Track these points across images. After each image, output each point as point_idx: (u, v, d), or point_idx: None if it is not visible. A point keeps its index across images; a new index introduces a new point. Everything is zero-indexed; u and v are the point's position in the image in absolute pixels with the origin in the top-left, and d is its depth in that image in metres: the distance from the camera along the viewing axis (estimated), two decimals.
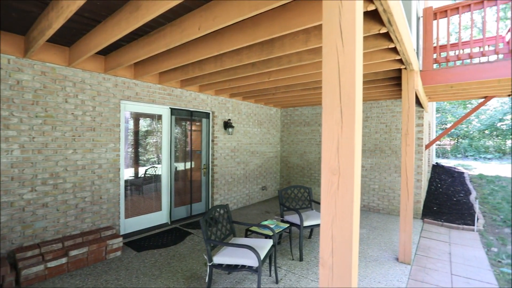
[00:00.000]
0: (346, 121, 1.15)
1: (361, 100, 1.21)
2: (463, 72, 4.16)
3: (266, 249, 2.90)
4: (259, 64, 3.73)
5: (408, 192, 3.54)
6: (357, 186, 1.18)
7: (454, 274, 3.53)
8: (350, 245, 1.16)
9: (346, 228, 1.17)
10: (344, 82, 1.15)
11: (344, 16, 1.16)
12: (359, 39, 1.19)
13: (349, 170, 1.14)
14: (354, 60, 1.13)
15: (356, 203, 1.17)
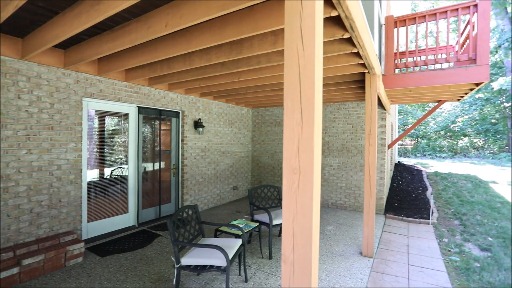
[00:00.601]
0: (306, 122, 1.19)
1: (320, 102, 1.26)
2: (419, 77, 4.49)
3: (235, 249, 2.91)
4: (228, 64, 3.73)
5: (371, 190, 3.74)
6: (316, 185, 1.23)
7: (410, 264, 3.80)
8: (310, 241, 1.21)
9: (306, 225, 1.21)
10: (305, 85, 1.20)
11: (305, 21, 1.21)
12: (319, 43, 1.24)
13: (309, 169, 1.19)
14: (313, 63, 1.18)
15: (316, 201, 1.23)
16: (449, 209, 6.41)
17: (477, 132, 17.86)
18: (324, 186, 6.72)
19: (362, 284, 3.27)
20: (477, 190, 7.84)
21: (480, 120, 17.82)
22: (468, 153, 16.80)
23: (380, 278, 3.44)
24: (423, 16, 4.66)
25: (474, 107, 17.35)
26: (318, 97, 1.22)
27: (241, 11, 2.47)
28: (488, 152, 17.12)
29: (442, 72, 4.39)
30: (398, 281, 3.37)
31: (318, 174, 1.24)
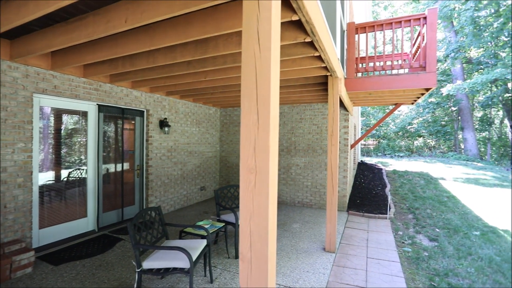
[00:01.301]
0: (262, 122, 1.22)
1: (277, 103, 1.30)
2: (377, 81, 4.78)
3: (199, 250, 2.88)
4: (194, 63, 3.68)
5: (333, 188, 3.92)
6: (273, 184, 1.27)
7: (369, 257, 4.04)
8: (266, 239, 1.24)
9: (262, 223, 1.24)
10: (261, 86, 1.23)
11: (262, 24, 1.24)
12: (276, 46, 1.28)
13: (265, 168, 1.23)
14: (270, 66, 1.22)
15: (272, 199, 1.26)
16: (404, 204, 6.91)
17: (430, 133, 19.46)
18: (291, 185, 6.89)
19: (324, 278, 3.41)
20: (428, 186, 8.55)
21: (432, 122, 19.44)
22: (422, 152, 18.24)
23: (341, 271, 3.62)
24: (381, 25, 4.97)
25: (427, 110, 18.88)
26: (274, 99, 1.26)
27: (205, 11, 2.45)
28: (438, 151, 18.74)
29: (397, 77, 4.73)
30: (357, 273, 3.56)
31: (274, 173, 1.28)
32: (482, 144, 20.05)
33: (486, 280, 3.52)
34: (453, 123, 19.16)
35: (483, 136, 21.00)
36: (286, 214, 6.17)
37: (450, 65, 17.40)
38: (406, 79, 4.67)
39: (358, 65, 5.18)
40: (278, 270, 3.59)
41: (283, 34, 2.64)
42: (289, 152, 6.93)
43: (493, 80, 13.95)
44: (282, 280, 3.34)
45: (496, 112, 21.41)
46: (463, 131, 17.42)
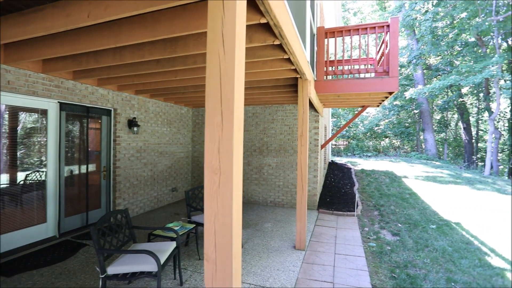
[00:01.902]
0: (226, 124, 1.24)
1: (241, 105, 1.32)
2: (345, 84, 5.00)
3: (168, 252, 2.83)
4: (164, 62, 3.60)
5: (303, 187, 4.03)
6: (237, 184, 1.29)
7: (336, 253, 4.21)
8: (231, 239, 1.26)
9: (227, 223, 1.26)
10: (225, 88, 1.25)
11: (227, 27, 1.26)
12: (241, 49, 1.30)
13: (229, 169, 1.24)
14: (234, 68, 1.24)
15: (236, 200, 1.28)
16: (371, 202, 7.27)
17: (395, 134, 20.64)
18: (263, 185, 6.97)
19: (294, 275, 3.50)
20: (392, 184, 9.07)
21: (397, 124, 20.64)
22: (388, 152, 19.28)
23: (310, 268, 3.73)
24: (348, 30, 5.19)
25: (393, 112, 20.02)
26: (238, 100, 1.28)
27: (174, 10, 2.41)
28: (402, 151, 19.93)
29: (363, 81, 4.97)
30: (325, 269, 3.70)
31: (238, 174, 1.30)
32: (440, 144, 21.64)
33: (439, 269, 3.81)
34: (415, 125, 20.48)
35: (441, 137, 22.70)
36: (259, 214, 6.23)
37: (412, 71, 18.59)
38: (371, 83, 4.92)
39: (327, 68, 5.37)
40: (249, 269, 3.62)
41: (253, 36, 2.67)
42: (261, 153, 7.00)
43: (449, 85, 15.11)
44: (253, 279, 3.37)
45: (452, 115, 23.23)
46: (424, 133, 18.68)
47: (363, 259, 4.02)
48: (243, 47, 1.34)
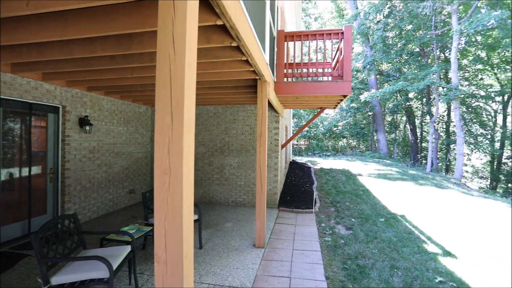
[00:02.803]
0: (176, 125, 1.25)
1: (192, 106, 1.34)
2: (303, 87, 5.22)
3: (122, 257, 2.72)
4: (118, 58, 3.43)
5: (262, 186, 4.13)
6: (187, 184, 1.30)
7: (294, 249, 4.39)
8: (181, 239, 1.27)
9: (177, 224, 1.27)
10: (176, 89, 1.25)
11: (177, 28, 1.27)
12: (192, 50, 1.32)
13: (179, 169, 1.25)
14: (184, 69, 1.25)
15: (187, 200, 1.30)
16: (328, 199, 7.66)
17: (351, 134, 21.97)
18: (224, 185, 6.97)
19: (253, 272, 3.57)
20: (348, 181, 9.66)
21: (353, 125, 21.97)
22: (345, 152, 20.45)
23: (269, 265, 3.84)
24: (307, 35, 5.43)
25: (349, 114, 21.28)
26: (189, 101, 1.29)
27: (128, 5, 2.32)
28: (358, 150, 21.29)
29: (320, 84, 5.23)
30: (283, 265, 3.83)
31: (189, 174, 1.31)
32: (391, 144, 23.55)
33: (385, 258, 4.18)
34: (369, 126, 22.00)
35: (392, 138, 24.71)
36: (220, 214, 6.22)
37: (366, 76, 19.95)
38: (327, 86, 5.20)
39: (287, 70, 5.55)
40: (208, 269, 3.62)
41: (211, 37, 2.69)
42: (222, 152, 7.00)
43: (397, 90, 16.51)
44: (212, 279, 3.38)
45: (400, 117, 25.41)
46: (377, 133, 20.16)
47: (319, 253, 4.24)
48: (194, 49, 1.36)
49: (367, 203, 7.34)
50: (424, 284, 3.52)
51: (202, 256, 4.02)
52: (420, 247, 4.71)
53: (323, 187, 8.80)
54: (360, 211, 6.61)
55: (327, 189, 8.57)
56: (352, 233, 5.24)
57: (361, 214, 6.38)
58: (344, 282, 3.47)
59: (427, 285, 3.50)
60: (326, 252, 4.35)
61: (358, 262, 4.04)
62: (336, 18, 25.51)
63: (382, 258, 4.19)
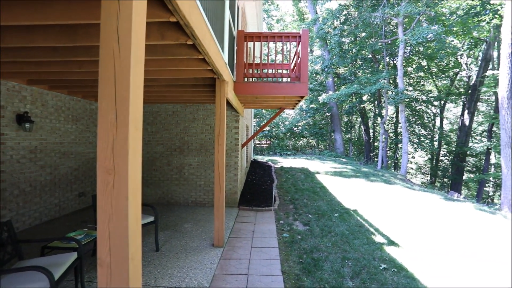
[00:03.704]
0: (121, 123, 1.21)
1: (139, 103, 1.31)
2: (262, 87, 5.32)
3: (66, 265, 2.53)
4: (62, 50, 3.17)
5: (220, 186, 4.13)
6: (134, 185, 1.27)
7: (253, 246, 4.46)
8: (127, 242, 1.23)
9: (123, 225, 1.23)
10: (120, 86, 1.21)
11: (122, 23, 1.22)
12: (139, 46, 1.29)
13: (124, 169, 1.22)
14: (130, 66, 1.21)
15: (133, 200, 1.26)
16: (287, 197, 7.91)
17: (311, 134, 22.91)
18: (184, 185, 6.82)
19: (210, 272, 3.56)
20: (307, 179, 10.06)
21: (312, 125, 22.92)
22: (305, 151, 21.25)
23: (227, 263, 3.86)
24: (266, 37, 5.55)
25: (309, 114, 22.16)
26: (136, 99, 1.26)
27: None
28: (317, 149, 22.27)
29: (279, 85, 5.38)
30: (241, 263, 3.88)
31: (135, 174, 1.28)
32: (347, 143, 25.02)
33: (337, 250, 4.46)
34: (327, 126, 23.13)
35: (348, 137, 26.29)
36: (179, 214, 6.08)
37: (325, 78, 20.94)
38: (285, 87, 5.37)
39: (247, 70, 5.61)
40: (165, 272, 3.53)
41: (166, 34, 2.62)
42: (182, 152, 6.84)
43: (352, 93, 17.61)
44: (168, 281, 3.30)
45: (355, 118, 27.14)
46: (334, 133, 21.28)
47: (277, 250, 4.37)
48: (142, 45, 1.33)
49: (323, 200, 7.72)
50: (370, 272, 3.83)
51: (158, 259, 3.90)
52: (369, 238, 5.10)
53: (283, 185, 9.05)
54: (317, 208, 6.93)
55: (287, 187, 8.83)
56: (309, 229, 5.48)
57: (318, 210, 6.70)
58: (299, 275, 3.63)
59: (373, 272, 3.81)
60: (283, 248, 4.50)
61: (313, 255, 4.25)
62: (297, 21, 26.35)
63: (335, 251, 4.46)
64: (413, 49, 19.00)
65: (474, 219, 6.98)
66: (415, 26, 14.70)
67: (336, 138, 20.85)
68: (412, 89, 22.96)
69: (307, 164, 13.72)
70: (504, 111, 8.87)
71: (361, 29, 18.04)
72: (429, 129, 24.91)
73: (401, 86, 15.14)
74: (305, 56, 5.32)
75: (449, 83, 22.89)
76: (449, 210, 7.54)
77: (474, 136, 23.11)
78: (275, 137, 21.91)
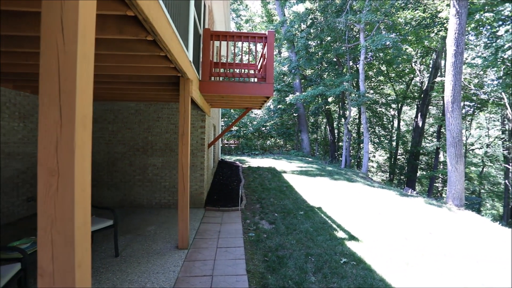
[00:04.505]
0: (66, 121, 1.13)
1: (88, 101, 1.23)
2: (228, 87, 5.30)
3: (7, 277, 2.30)
4: (4, 40, 2.88)
5: (184, 186, 4.04)
6: (82, 187, 1.20)
7: (218, 247, 4.43)
8: (73, 248, 1.16)
9: (67, 230, 1.15)
10: (65, 82, 1.14)
11: (67, 14, 1.15)
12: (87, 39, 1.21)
13: (70, 171, 1.14)
14: (76, 59, 1.14)
15: (80, 204, 1.19)
16: (254, 196, 7.96)
17: (278, 134, 23.30)
18: (147, 187, 6.56)
19: (174, 275, 3.47)
20: (274, 179, 10.22)
21: (280, 125, 23.33)
22: (273, 151, 21.57)
23: (191, 265, 3.79)
24: (232, 36, 5.53)
25: (277, 115, 22.53)
26: (84, 96, 1.19)
27: None
28: (284, 149, 22.73)
29: (245, 84, 5.40)
30: (206, 264, 3.83)
31: (83, 175, 1.21)
32: (313, 143, 25.87)
33: (301, 247, 4.59)
34: (295, 127, 23.69)
35: (314, 137, 27.18)
36: (142, 217, 5.84)
37: (292, 79, 21.43)
38: (251, 87, 5.41)
39: (213, 69, 5.55)
40: (124, 278, 3.37)
41: (124, 28, 2.50)
42: (145, 152, 6.57)
43: (318, 94, 18.23)
44: None
45: (321, 119, 28.15)
46: (301, 133, 21.86)
47: (242, 249, 4.38)
48: (91, 38, 1.25)
49: (289, 198, 7.90)
50: (332, 266, 4.00)
51: (118, 265, 3.71)
52: (332, 234, 5.32)
53: (250, 185, 9.10)
54: (283, 206, 7.07)
55: (254, 187, 8.90)
56: (275, 227, 5.57)
57: (284, 209, 6.84)
58: (263, 274, 3.68)
59: (334, 266, 3.99)
60: (249, 247, 4.53)
61: (278, 253, 4.33)
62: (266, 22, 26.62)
63: (299, 248, 4.59)
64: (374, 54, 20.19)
65: (424, 212, 7.60)
66: (375, 33, 15.63)
67: (303, 138, 21.44)
68: (373, 92, 24.42)
69: (275, 163, 13.94)
70: (449, 114, 9.78)
71: (326, 33, 18.75)
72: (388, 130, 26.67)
73: (363, 89, 16.01)
74: (271, 57, 5.40)
75: (405, 87, 24.72)
76: (403, 205, 8.13)
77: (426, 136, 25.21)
78: (243, 137, 21.94)
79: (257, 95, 5.49)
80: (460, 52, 9.51)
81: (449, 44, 9.71)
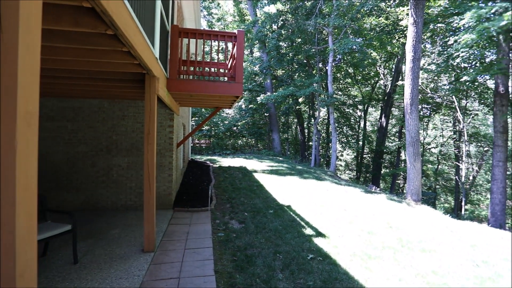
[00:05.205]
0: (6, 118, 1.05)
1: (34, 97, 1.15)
2: (197, 85, 5.22)
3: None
4: None
5: (150, 187, 3.91)
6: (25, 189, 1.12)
7: (186, 248, 4.35)
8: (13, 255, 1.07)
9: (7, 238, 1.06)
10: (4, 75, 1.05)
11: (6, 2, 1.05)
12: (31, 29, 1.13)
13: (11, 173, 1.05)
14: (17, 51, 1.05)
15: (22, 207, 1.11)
16: (225, 196, 7.92)
17: (250, 133, 23.39)
18: (112, 188, 6.24)
19: (138, 279, 3.35)
20: (244, 178, 10.25)
21: (251, 125, 23.44)
22: (244, 150, 21.62)
23: (158, 268, 3.68)
24: (201, 34, 5.44)
25: (248, 114, 22.61)
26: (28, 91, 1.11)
27: None
28: (256, 149, 22.88)
29: (215, 83, 5.34)
30: (173, 266, 3.74)
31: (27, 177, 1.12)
32: (284, 142, 26.31)
33: (270, 245, 4.66)
34: (266, 126, 23.94)
35: (285, 137, 27.67)
36: (106, 220, 5.54)
37: (263, 79, 21.62)
38: (221, 86, 5.37)
39: (181, 67, 5.42)
40: (83, 286, 3.18)
41: (81, 20, 2.35)
42: (109, 152, 6.24)
43: (289, 94, 18.59)
44: None
45: (292, 119, 28.74)
46: (272, 133, 22.13)
47: (211, 250, 4.34)
48: (37, 28, 1.16)
49: (259, 197, 7.96)
50: (299, 262, 4.11)
51: (76, 272, 3.49)
52: (300, 231, 5.46)
53: (220, 185, 9.04)
54: (253, 205, 7.11)
55: (224, 186, 8.85)
56: (244, 226, 5.59)
57: (254, 208, 6.89)
58: (231, 273, 3.68)
59: (301, 263, 4.10)
60: (218, 248, 4.49)
61: (247, 252, 4.35)
62: (238, 22, 26.56)
63: (268, 246, 4.65)
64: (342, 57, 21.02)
65: (385, 208, 8.08)
66: (342, 37, 16.28)
67: (274, 138, 21.73)
68: (341, 94, 25.44)
69: (246, 163, 13.97)
70: (408, 115, 10.49)
71: (297, 35, 19.15)
72: (355, 130, 27.94)
73: (331, 90, 16.60)
74: (241, 57, 5.40)
75: (371, 89, 26.08)
76: (367, 201, 8.56)
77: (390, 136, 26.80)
78: (214, 137, 21.73)
79: (226, 95, 5.46)
80: (418, 58, 10.23)
81: (408, 50, 10.40)
